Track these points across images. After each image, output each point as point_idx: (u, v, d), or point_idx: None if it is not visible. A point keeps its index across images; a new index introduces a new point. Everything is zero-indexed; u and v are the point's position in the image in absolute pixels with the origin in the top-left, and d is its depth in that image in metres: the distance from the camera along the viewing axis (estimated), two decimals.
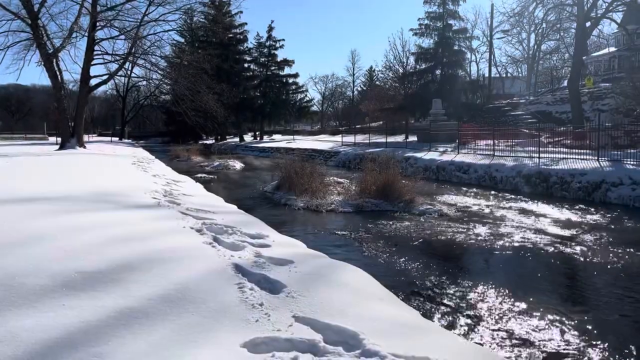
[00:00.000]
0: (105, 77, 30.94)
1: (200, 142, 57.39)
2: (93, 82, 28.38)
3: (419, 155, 24.30)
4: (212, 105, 27.86)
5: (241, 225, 7.04)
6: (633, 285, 6.75)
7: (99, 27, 27.14)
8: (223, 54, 51.76)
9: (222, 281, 4.24)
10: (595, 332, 5.00)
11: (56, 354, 2.74)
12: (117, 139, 57.43)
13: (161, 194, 10.08)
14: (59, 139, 29.21)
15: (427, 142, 28.00)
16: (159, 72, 29.51)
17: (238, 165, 29.17)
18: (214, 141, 60.90)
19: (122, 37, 28.10)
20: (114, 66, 29.98)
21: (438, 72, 41.40)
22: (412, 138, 36.05)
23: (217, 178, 22.48)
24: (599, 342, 4.75)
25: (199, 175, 22.60)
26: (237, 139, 60.29)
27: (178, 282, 4.03)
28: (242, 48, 60.26)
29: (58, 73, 26.49)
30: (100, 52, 27.89)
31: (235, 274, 4.48)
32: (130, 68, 38.25)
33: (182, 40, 48.12)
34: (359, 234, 9.82)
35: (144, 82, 54.78)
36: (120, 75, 42.50)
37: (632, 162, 15.15)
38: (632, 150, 16.61)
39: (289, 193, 14.54)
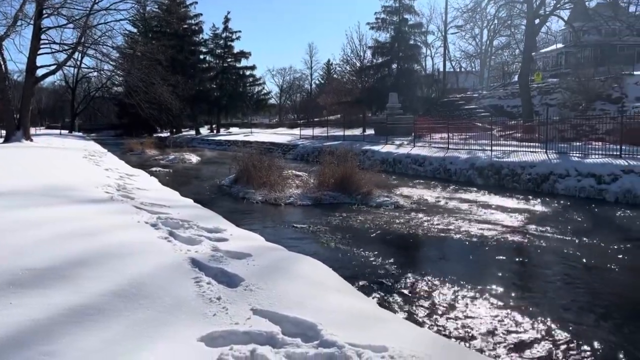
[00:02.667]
0: (53, 68, 29.60)
1: (154, 135, 55.96)
2: (40, 72, 27.16)
3: (376, 148, 24.57)
4: (166, 97, 27.20)
5: (198, 220, 6.94)
6: (578, 272, 7.08)
7: (46, 15, 25.97)
8: (178, 45, 50.67)
9: (178, 276, 4.17)
10: (544, 316, 5.21)
11: (4, 353, 2.63)
12: (67, 131, 55.26)
13: (114, 188, 9.80)
14: (4, 132, 27.85)
15: (384, 135, 28.34)
16: (111, 62, 28.54)
17: (194, 158, 28.70)
18: (169, 134, 59.58)
19: (71, 25, 27.00)
20: (62, 56, 28.70)
21: (394, 66, 41.93)
22: (370, 131, 36.43)
23: (172, 172, 22.06)
24: (547, 326, 4.97)
25: (154, 169, 22.11)
26: (193, 132, 59.25)
27: (132, 278, 3.94)
28: (197, 39, 59.13)
29: (2, 63, 25.21)
30: (47, 41, 26.70)
31: (191, 268, 4.42)
32: (79, 58, 36.90)
33: (135, 30, 46.66)
34: (318, 227, 9.86)
35: (95, 73, 52.90)
36: (70, 66, 40.97)
37: (577, 155, 15.82)
38: (578, 143, 17.35)
39: (246, 186, 14.43)
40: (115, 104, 64.00)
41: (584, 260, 7.53)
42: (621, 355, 4.37)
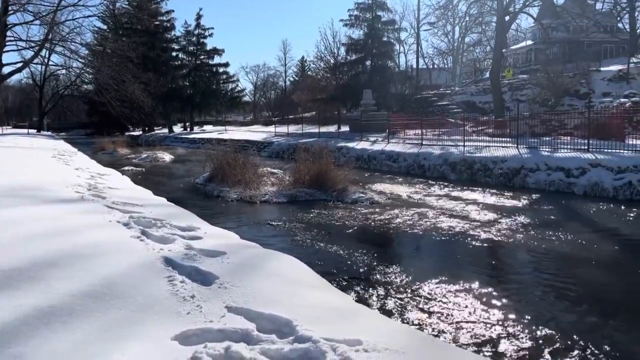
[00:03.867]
0: (19, 65, 28.89)
1: (126, 133, 55.11)
2: (6, 70, 26.49)
3: (351, 145, 24.67)
4: (138, 95, 26.82)
5: (171, 218, 6.86)
6: (549, 264, 7.24)
7: (11, 12, 25.30)
8: (149, 42, 49.90)
9: (151, 275, 4.12)
10: (516, 308, 5.32)
11: None
12: (35, 131, 53.88)
13: (85, 187, 9.60)
14: None
15: (359, 132, 28.47)
16: (80, 60, 28.02)
17: (167, 157, 28.33)
18: (141, 133, 58.72)
19: (38, 22, 26.35)
20: (29, 53, 28.09)
21: (368, 63, 42.12)
22: (345, 128, 36.54)
23: (145, 171, 21.73)
24: (520, 318, 5.07)
25: (126, 168, 21.74)
26: (166, 130, 58.47)
27: (104, 278, 3.87)
28: (169, 36, 58.31)
29: None
30: (13, 39, 26.05)
31: (165, 267, 4.37)
32: (47, 55, 35.96)
33: (105, 27, 45.80)
34: (293, 224, 9.85)
35: (64, 71, 51.72)
36: (37, 63, 39.98)
37: (547, 149, 16.17)
38: (547, 138, 17.74)
39: (221, 185, 14.33)
40: (85, 103, 62.64)
41: (554, 253, 7.71)
42: (592, 344, 4.49)
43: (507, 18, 29.73)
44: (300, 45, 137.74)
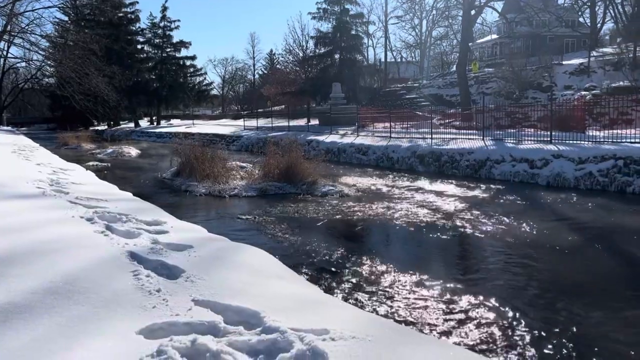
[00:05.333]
0: None
1: (91, 128, 53.78)
2: None
3: (321, 138, 24.68)
4: (102, 88, 26.10)
5: (137, 213, 6.73)
6: (514, 252, 7.41)
7: None
8: (113, 35, 48.57)
9: (115, 269, 4.04)
10: (482, 296, 5.44)
11: None
12: None
13: (47, 183, 9.33)
14: None
15: (329, 126, 28.50)
16: (40, 52, 27.12)
17: (134, 151, 27.79)
18: (106, 127, 57.37)
19: None
20: None
21: (337, 56, 42.11)
22: (314, 121, 36.51)
23: (111, 166, 21.26)
24: (486, 305, 5.18)
25: (91, 163, 21.24)
26: (132, 125, 57.29)
27: (66, 273, 3.78)
28: (134, 28, 56.94)
29: None
30: None
31: (130, 262, 4.29)
32: (6, 48, 34.67)
33: (66, 18, 44.38)
34: (263, 218, 9.81)
35: (23, 64, 49.90)
36: None
37: (512, 141, 16.52)
38: (512, 130, 18.12)
39: (189, 179, 14.15)
40: (47, 96, 60.73)
41: (518, 241, 7.90)
42: (556, 330, 4.63)
43: (473, 12, 30.19)
44: (268, 38, 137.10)
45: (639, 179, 11.94)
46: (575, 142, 14.75)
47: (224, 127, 43.02)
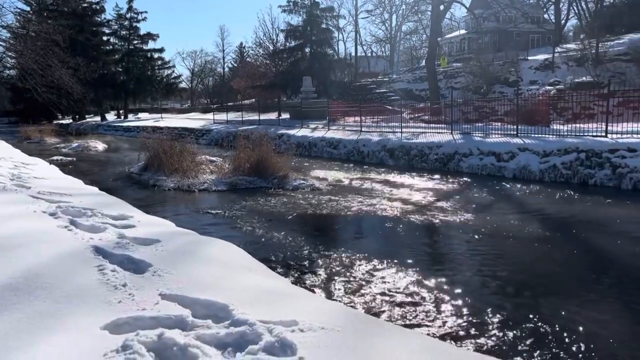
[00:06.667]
0: None
1: (55, 121, 52.28)
2: None
3: (291, 132, 24.60)
4: (66, 81, 25.30)
5: (102, 207, 6.59)
6: (481, 243, 7.55)
7: None
8: (77, 25, 47.17)
9: (79, 264, 3.94)
10: (450, 286, 5.53)
11: None
12: None
13: (7, 177, 9.04)
14: None
15: (299, 120, 28.43)
16: (1, 43, 26.08)
17: (100, 145, 27.18)
18: (71, 121, 55.88)
19: None
20: None
21: (307, 50, 42.00)
22: (285, 115, 36.36)
23: (76, 160, 20.75)
24: (454, 295, 5.27)
25: (55, 157, 20.69)
26: (98, 118, 55.94)
27: (27, 269, 3.67)
28: (99, 19, 55.40)
29: None
30: None
31: (94, 257, 4.19)
32: None
33: (28, 8, 42.91)
34: (234, 212, 9.73)
35: None
36: None
37: (479, 135, 16.81)
38: (480, 124, 18.44)
39: (157, 173, 13.92)
40: (8, 89, 58.53)
41: (486, 232, 8.05)
42: (521, 317, 4.74)
43: (441, 7, 30.51)
44: (238, 31, 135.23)
45: (601, 171, 12.31)
46: (540, 135, 15.09)
47: (193, 120, 42.44)
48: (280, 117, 35.70)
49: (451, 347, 3.68)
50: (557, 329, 4.47)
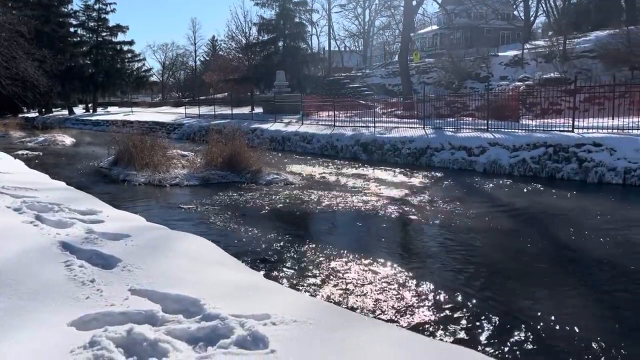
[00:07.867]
0: None
1: (20, 115, 50.77)
2: None
3: (265, 126, 24.46)
4: (31, 73, 24.54)
5: (70, 202, 6.44)
6: (452, 235, 7.66)
7: None
8: (43, 16, 45.83)
9: (45, 260, 3.84)
10: (422, 278, 5.59)
11: None
12: None
13: None
14: None
15: (273, 114, 28.30)
16: None
17: (68, 140, 26.54)
18: (37, 114, 54.37)
19: None
20: None
21: (281, 44, 41.74)
22: (258, 110, 36.14)
23: (43, 155, 20.22)
24: (425, 286, 5.34)
25: (21, 152, 20.14)
26: (65, 112, 54.61)
27: None
28: (66, 10, 54.00)
29: None
30: None
31: (61, 252, 4.10)
32: None
33: None
34: (206, 207, 9.63)
35: None
36: None
37: (451, 130, 17.03)
38: (451, 119, 18.68)
39: (128, 168, 13.68)
40: None
41: (457, 225, 8.17)
42: (491, 307, 4.83)
43: (414, 3, 30.72)
44: (210, 24, 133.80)
45: (567, 165, 12.62)
46: (510, 130, 15.37)
47: (165, 114, 41.80)
48: (254, 112, 35.46)
49: (423, 338, 3.72)
50: (524, 315, 4.57)
